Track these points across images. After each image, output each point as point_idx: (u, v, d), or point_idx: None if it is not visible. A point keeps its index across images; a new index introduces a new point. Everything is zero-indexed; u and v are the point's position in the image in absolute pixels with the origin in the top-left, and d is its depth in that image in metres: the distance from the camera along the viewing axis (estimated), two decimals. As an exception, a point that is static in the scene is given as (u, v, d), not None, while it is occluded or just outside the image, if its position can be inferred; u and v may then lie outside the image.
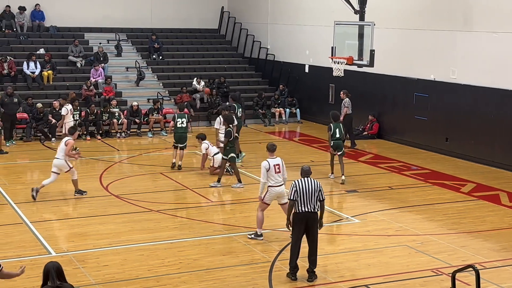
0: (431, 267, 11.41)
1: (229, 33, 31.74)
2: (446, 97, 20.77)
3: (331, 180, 17.32)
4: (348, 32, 19.62)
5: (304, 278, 10.72)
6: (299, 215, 10.62)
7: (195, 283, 10.61)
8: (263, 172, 12.35)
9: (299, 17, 27.46)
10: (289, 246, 11.61)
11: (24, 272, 7.93)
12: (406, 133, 22.54)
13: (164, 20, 31.18)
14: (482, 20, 19.44)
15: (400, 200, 15.68)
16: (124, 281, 10.59)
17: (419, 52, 21.76)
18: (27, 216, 14.00)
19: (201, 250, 12.12)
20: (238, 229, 13.39)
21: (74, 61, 27.06)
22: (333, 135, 17.18)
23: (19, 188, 16.39)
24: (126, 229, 13.26)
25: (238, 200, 15.71)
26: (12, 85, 24.30)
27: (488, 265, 11.51)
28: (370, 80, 23.52)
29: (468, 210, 14.99)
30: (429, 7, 21.30)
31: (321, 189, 10.71)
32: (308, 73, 27.14)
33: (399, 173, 18.44)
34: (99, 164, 19.20)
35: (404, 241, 12.74)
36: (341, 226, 13.76)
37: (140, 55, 28.99)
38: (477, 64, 19.66)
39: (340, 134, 17.27)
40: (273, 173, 12.38)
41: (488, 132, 19.41)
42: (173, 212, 14.50)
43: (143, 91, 26.84)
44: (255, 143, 22.30)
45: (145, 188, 16.59)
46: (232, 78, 28.70)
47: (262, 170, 12.36)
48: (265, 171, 12.33)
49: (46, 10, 28.91)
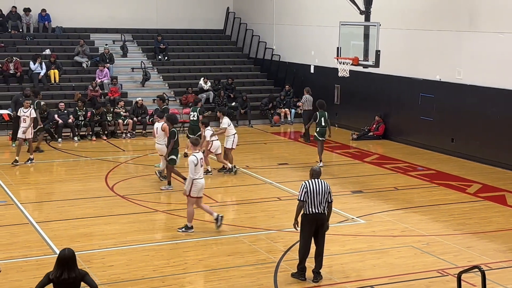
0: (436, 268, 11.39)
1: (234, 34, 31.76)
2: (452, 98, 20.73)
3: (336, 180, 17.31)
4: (354, 32, 19.61)
5: (309, 278, 10.71)
6: (308, 217, 10.60)
7: (200, 283, 10.62)
8: (192, 168, 12.76)
9: (304, 17, 27.46)
10: (294, 246, 11.62)
11: None
12: (412, 133, 22.51)
13: (170, 20, 31.23)
14: (488, 20, 19.40)
15: (405, 201, 15.66)
16: (130, 281, 10.60)
17: (424, 52, 21.72)
18: (32, 216, 14.03)
19: (207, 250, 12.13)
20: (243, 229, 13.39)
21: (80, 62, 27.12)
22: (318, 123, 18.59)
23: (24, 188, 16.43)
24: (131, 230, 13.28)
25: (243, 200, 15.71)
26: (18, 85, 24.39)
27: (494, 266, 11.48)
28: (376, 81, 23.50)
29: (474, 211, 14.96)
30: (434, 8, 21.27)
31: (330, 191, 10.70)
32: (314, 73, 27.14)
33: (404, 174, 18.41)
34: (105, 165, 19.23)
35: (409, 242, 12.72)
36: (346, 226, 13.74)
37: (145, 56, 29.03)
38: (483, 64, 19.62)
39: (325, 122, 18.66)
40: (199, 167, 12.89)
41: (494, 132, 19.36)
42: (179, 213, 14.51)
43: (149, 92, 26.88)
44: (261, 144, 22.29)
45: (151, 189, 16.61)
46: (238, 79, 28.72)
47: (191, 165, 12.76)
48: (194, 166, 12.75)
49: (52, 11, 28.97)
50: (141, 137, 23.53)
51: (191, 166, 12.75)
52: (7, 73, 25.05)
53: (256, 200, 15.68)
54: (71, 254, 7.54)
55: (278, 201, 15.56)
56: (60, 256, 7.56)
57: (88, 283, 7.60)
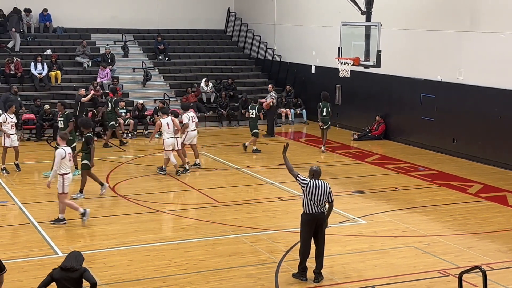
0: (438, 268, 11.39)
1: (235, 34, 31.77)
2: (453, 98, 20.72)
3: (337, 181, 17.32)
4: (355, 33, 19.61)
5: (310, 278, 10.72)
6: (308, 216, 10.61)
7: (201, 283, 10.62)
8: (57, 161, 13.09)
9: (305, 18, 27.45)
10: (295, 247, 11.62)
11: None
12: (413, 134, 22.51)
13: (171, 21, 31.23)
14: (489, 20, 19.39)
15: (406, 201, 15.66)
16: (131, 281, 10.60)
17: (425, 52, 21.72)
18: (34, 217, 14.03)
19: (208, 250, 12.13)
20: (244, 229, 13.38)
21: (81, 62, 27.13)
22: (321, 112, 20.60)
23: (26, 189, 16.44)
24: (132, 230, 13.28)
25: (244, 200, 15.70)
26: (19, 85, 24.40)
27: (495, 266, 11.48)
28: (377, 81, 23.50)
29: (475, 211, 14.95)
30: (435, 8, 21.27)
31: (330, 191, 10.70)
32: (315, 74, 27.13)
33: (405, 174, 18.41)
34: (106, 165, 19.23)
35: (410, 242, 12.71)
36: (347, 227, 13.74)
37: (146, 56, 29.04)
38: (484, 64, 19.62)
39: (327, 112, 20.63)
40: (67, 161, 13.19)
41: (495, 133, 19.35)
42: (180, 213, 14.51)
43: (150, 92, 26.89)
44: (262, 144, 22.29)
45: (152, 189, 16.61)
46: (239, 79, 28.72)
47: (57, 158, 13.09)
48: (60, 159, 13.12)
49: (53, 11, 28.99)
50: (142, 138, 23.52)
51: (57, 159, 13.15)
52: (7, 74, 25.05)
53: (257, 200, 15.68)
54: (80, 253, 8.01)
55: (279, 201, 15.57)
56: (70, 253, 7.99)
57: (87, 279, 7.76)
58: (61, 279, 7.75)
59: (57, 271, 7.81)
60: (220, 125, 26.09)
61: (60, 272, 7.79)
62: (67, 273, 7.76)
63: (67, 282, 7.74)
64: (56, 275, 7.78)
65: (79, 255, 7.97)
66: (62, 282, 7.75)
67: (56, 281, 7.78)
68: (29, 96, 23.91)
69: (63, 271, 7.77)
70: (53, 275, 7.79)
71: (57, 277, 7.77)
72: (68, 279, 7.74)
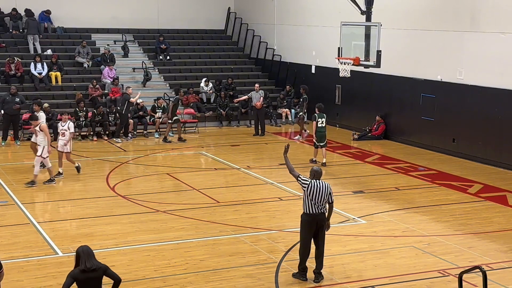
0: (438, 268, 11.39)
1: (235, 34, 31.76)
2: (453, 98, 20.72)
3: (337, 181, 17.31)
4: (355, 32, 19.59)
5: (310, 278, 10.72)
6: (309, 217, 10.61)
7: (201, 283, 10.62)
8: None
9: (305, 17, 27.45)
10: (295, 246, 11.61)
11: None
12: (413, 133, 22.51)
13: (171, 20, 31.22)
14: (489, 20, 19.39)
15: (406, 201, 15.66)
16: (131, 281, 10.59)
17: (426, 52, 21.71)
18: (34, 217, 14.04)
19: (208, 250, 12.13)
20: (244, 229, 13.38)
21: (81, 62, 27.13)
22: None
23: (25, 188, 16.43)
24: (132, 230, 13.29)
25: (244, 200, 15.70)
26: (19, 85, 24.38)
27: (495, 266, 11.48)
28: (377, 81, 23.50)
29: (475, 211, 14.95)
30: (436, 8, 21.26)
31: (331, 192, 10.70)
32: (315, 73, 27.13)
33: (405, 174, 18.40)
34: (106, 165, 19.24)
35: (410, 242, 12.71)
36: (347, 227, 13.74)
37: (146, 56, 29.04)
38: (484, 64, 19.61)
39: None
40: None
41: (496, 132, 19.35)
42: (180, 213, 14.51)
43: (150, 92, 26.88)
44: (262, 144, 22.29)
45: (152, 189, 16.62)
46: (239, 79, 28.72)
47: None
48: None
49: (53, 11, 28.97)
50: (142, 137, 23.52)
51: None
52: (8, 74, 25.04)
53: (257, 200, 15.68)
54: (88, 247, 7.63)
55: (279, 201, 15.57)
56: (79, 250, 7.58)
57: (111, 276, 7.63)
58: (86, 280, 7.45)
59: (78, 273, 7.46)
60: (220, 125, 26.09)
61: (82, 274, 7.45)
62: (91, 273, 7.47)
63: (93, 282, 7.50)
64: (79, 276, 7.45)
65: (91, 251, 7.58)
66: (87, 283, 7.48)
67: (80, 282, 7.48)
68: (29, 96, 23.87)
69: (85, 273, 7.44)
70: (75, 277, 7.44)
71: (81, 278, 7.44)
72: (93, 278, 7.48)
